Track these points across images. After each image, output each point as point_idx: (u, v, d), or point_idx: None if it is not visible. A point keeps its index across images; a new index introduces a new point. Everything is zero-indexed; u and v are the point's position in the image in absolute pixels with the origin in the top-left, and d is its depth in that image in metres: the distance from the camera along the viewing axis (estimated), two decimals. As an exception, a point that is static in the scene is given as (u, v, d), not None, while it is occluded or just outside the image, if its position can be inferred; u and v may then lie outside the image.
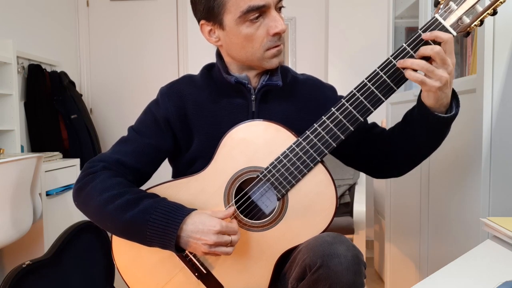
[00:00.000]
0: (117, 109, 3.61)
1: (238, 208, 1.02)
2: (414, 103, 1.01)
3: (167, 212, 0.94)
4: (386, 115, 2.00)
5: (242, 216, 1.01)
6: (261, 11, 0.97)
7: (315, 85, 1.16)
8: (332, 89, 1.17)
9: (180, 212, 0.95)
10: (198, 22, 1.06)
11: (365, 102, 0.95)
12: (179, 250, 0.96)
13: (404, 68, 0.91)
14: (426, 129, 0.98)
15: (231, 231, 0.94)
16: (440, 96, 0.91)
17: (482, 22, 0.90)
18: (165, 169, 1.19)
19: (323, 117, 0.97)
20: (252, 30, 0.99)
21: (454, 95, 0.97)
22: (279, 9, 1.02)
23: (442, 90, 0.90)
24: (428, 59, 0.90)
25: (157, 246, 0.96)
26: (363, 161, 1.14)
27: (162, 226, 0.93)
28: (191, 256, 1.03)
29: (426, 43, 0.90)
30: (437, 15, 0.90)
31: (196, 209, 0.97)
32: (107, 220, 0.99)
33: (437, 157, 1.42)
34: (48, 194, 2.25)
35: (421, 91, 0.95)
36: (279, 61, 1.04)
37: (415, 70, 0.90)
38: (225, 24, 1.00)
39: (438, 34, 0.89)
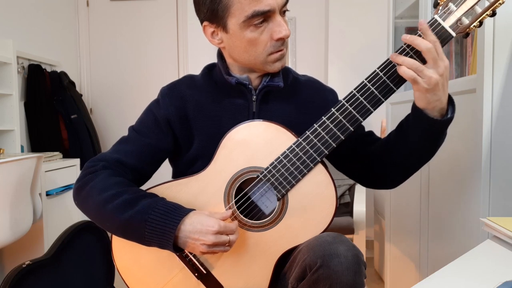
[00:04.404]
0: (117, 109, 3.61)
1: (238, 208, 1.02)
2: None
3: (165, 212, 0.94)
4: (386, 115, 2.00)
5: (242, 216, 1.01)
6: (265, 16, 0.96)
7: (316, 87, 1.16)
8: (332, 93, 1.17)
9: (178, 212, 0.95)
10: (201, 23, 1.05)
11: (365, 102, 0.95)
12: (178, 250, 0.96)
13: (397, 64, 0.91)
14: (419, 133, 0.96)
15: (229, 231, 0.94)
16: (431, 98, 0.89)
17: (481, 23, 0.90)
18: (165, 169, 1.19)
19: (323, 117, 0.97)
20: (256, 35, 0.98)
21: (451, 102, 0.95)
22: (283, 12, 1.01)
23: (433, 92, 0.89)
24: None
25: (155, 246, 0.96)
26: (355, 167, 1.12)
27: (160, 226, 0.93)
28: (191, 256, 1.03)
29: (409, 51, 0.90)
30: (436, 16, 0.90)
31: (194, 209, 0.97)
32: (106, 220, 0.99)
33: (437, 157, 1.42)
34: (48, 194, 2.25)
35: None
36: (281, 65, 1.04)
37: None
38: (228, 28, 1.00)
39: (414, 40, 0.87)
